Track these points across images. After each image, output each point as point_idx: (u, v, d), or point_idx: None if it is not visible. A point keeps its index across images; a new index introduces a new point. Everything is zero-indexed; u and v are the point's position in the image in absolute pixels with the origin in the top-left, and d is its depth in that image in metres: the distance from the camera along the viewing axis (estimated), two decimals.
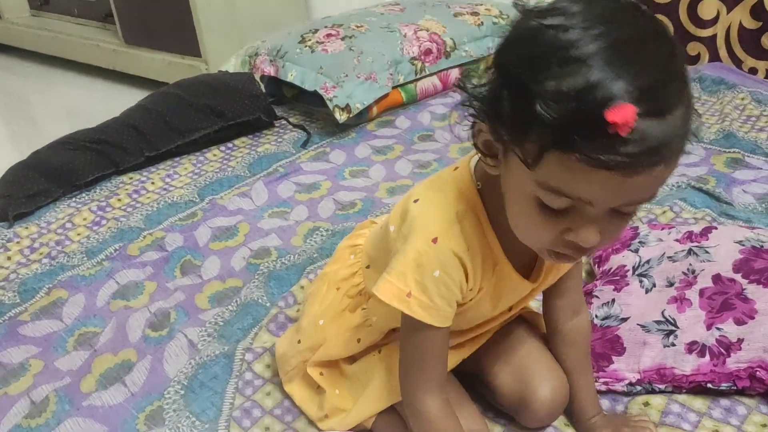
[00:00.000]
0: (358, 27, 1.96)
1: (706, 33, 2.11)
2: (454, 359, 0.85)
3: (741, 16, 2.04)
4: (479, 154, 0.67)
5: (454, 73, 1.99)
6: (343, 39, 1.90)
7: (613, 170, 0.54)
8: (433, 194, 0.73)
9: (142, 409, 0.98)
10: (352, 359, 0.92)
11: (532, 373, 0.85)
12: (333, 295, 0.90)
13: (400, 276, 0.70)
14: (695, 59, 2.16)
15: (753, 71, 2.05)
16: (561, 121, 0.53)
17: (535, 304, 0.96)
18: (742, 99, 1.77)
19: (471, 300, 0.76)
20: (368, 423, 0.88)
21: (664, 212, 1.30)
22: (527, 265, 0.77)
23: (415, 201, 0.73)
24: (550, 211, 0.60)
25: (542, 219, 0.61)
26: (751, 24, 2.03)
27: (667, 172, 0.57)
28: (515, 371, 0.86)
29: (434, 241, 0.69)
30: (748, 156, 1.50)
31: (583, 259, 1.19)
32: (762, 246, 1.01)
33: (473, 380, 0.91)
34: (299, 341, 0.93)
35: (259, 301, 1.17)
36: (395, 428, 0.87)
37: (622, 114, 0.51)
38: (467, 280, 0.72)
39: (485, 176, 0.70)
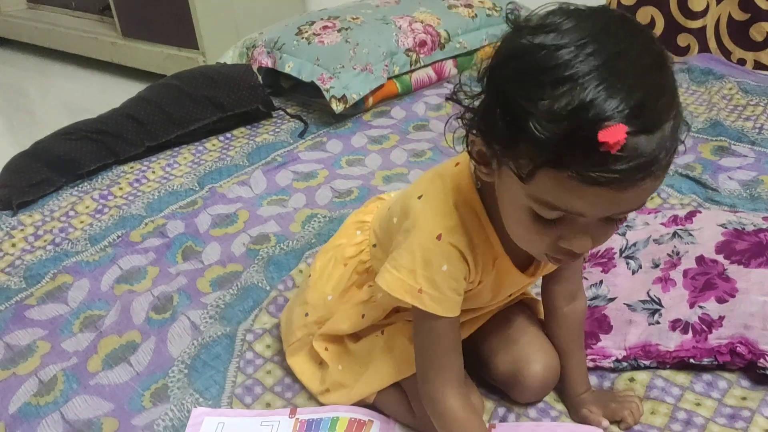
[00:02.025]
0: (353, 19, 1.99)
1: (695, 24, 2.14)
2: None
3: (730, 8, 2.08)
4: (473, 164, 0.69)
5: (449, 65, 2.02)
6: (339, 31, 1.93)
7: (604, 186, 0.55)
8: (435, 191, 0.76)
9: (148, 387, 1.01)
10: (356, 338, 0.95)
11: (525, 352, 0.89)
12: (340, 271, 0.94)
13: (410, 274, 0.73)
14: (685, 50, 2.19)
15: (741, 62, 2.08)
16: (553, 141, 0.55)
17: (534, 290, 1.00)
18: (730, 89, 1.81)
19: (471, 291, 0.79)
20: (370, 398, 0.92)
21: (652, 198, 1.34)
22: (526, 258, 0.80)
23: (419, 197, 0.76)
24: (543, 221, 0.62)
25: (536, 228, 0.63)
26: (740, 16, 2.07)
27: (657, 184, 0.59)
28: (510, 349, 0.90)
29: (438, 238, 0.72)
30: (734, 144, 1.54)
31: None
32: (744, 228, 1.05)
33: (468, 357, 0.94)
34: (307, 314, 0.96)
35: (259, 284, 1.21)
36: (396, 403, 0.90)
37: (613, 134, 0.52)
38: (470, 272, 0.75)
39: None
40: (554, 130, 0.54)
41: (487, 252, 0.76)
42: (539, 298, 0.96)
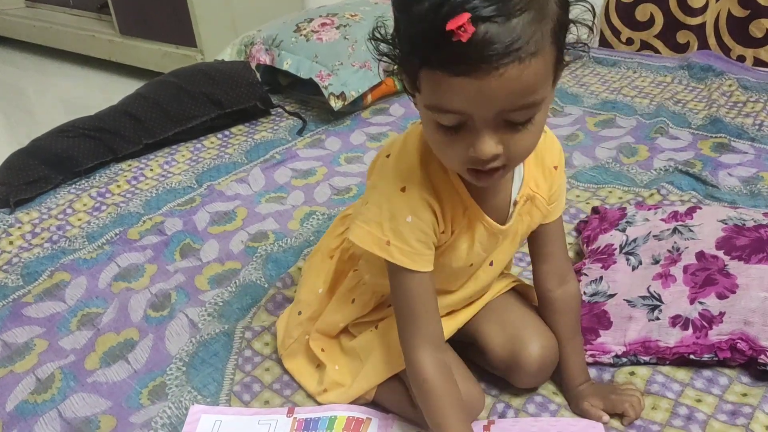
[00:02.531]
0: (352, 16, 1.99)
1: (695, 21, 2.14)
2: (450, 328, 0.88)
3: (729, 5, 2.07)
4: (410, 97, 0.71)
5: None
6: (337, 28, 1.93)
7: (465, 76, 0.58)
8: (401, 148, 0.78)
9: (145, 384, 1.01)
10: (351, 336, 0.95)
11: (522, 334, 0.89)
12: (327, 264, 0.95)
13: (377, 226, 0.75)
14: (684, 47, 2.19)
15: (741, 59, 2.08)
16: (418, 41, 0.60)
17: (529, 276, 1.00)
18: (730, 86, 1.80)
19: (446, 243, 0.80)
20: (370, 395, 0.92)
21: (652, 195, 1.34)
22: (502, 215, 0.81)
23: (387, 156, 0.79)
24: (446, 129, 0.65)
25: (444, 139, 0.66)
26: (739, 12, 2.07)
27: (526, 74, 0.59)
28: (507, 334, 0.90)
29: (403, 190, 0.75)
30: (734, 141, 1.53)
31: (572, 238, 1.23)
32: (744, 224, 1.05)
33: (467, 348, 0.94)
34: (300, 312, 0.97)
35: (258, 282, 1.20)
36: (396, 396, 0.90)
37: (457, 21, 0.56)
38: (438, 223, 0.76)
39: None
40: (417, 30, 0.59)
41: (456, 202, 0.77)
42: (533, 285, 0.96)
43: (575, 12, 0.67)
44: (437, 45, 0.58)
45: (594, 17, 0.67)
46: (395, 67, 0.69)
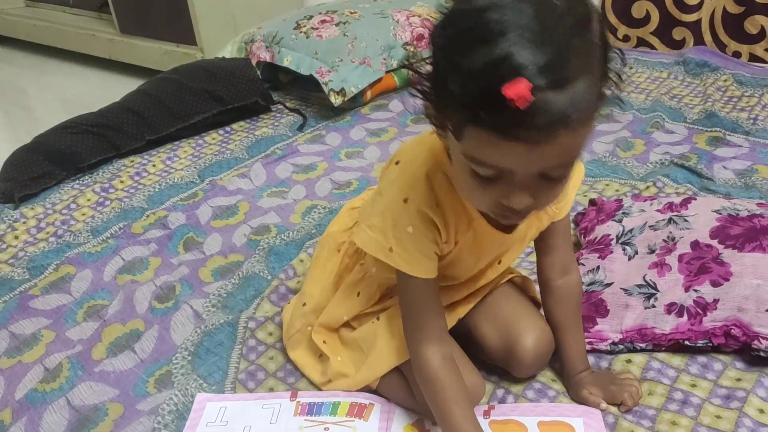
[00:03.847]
0: (351, 13, 2.01)
1: (691, 18, 2.16)
2: (450, 319, 0.90)
3: (725, 2, 2.10)
4: (433, 127, 0.71)
5: None
6: (337, 25, 1.95)
7: (519, 141, 0.58)
8: (410, 157, 0.79)
9: (152, 373, 1.03)
10: (351, 328, 0.97)
11: (516, 326, 0.91)
12: (334, 257, 0.97)
13: (381, 233, 0.78)
14: (680, 44, 2.21)
15: (737, 55, 2.10)
16: (470, 98, 0.58)
17: (528, 267, 1.02)
18: (725, 81, 1.83)
19: (450, 253, 0.81)
20: (374, 384, 0.93)
21: (648, 187, 1.36)
22: None
23: (397, 163, 0.80)
24: (482, 179, 0.64)
25: (477, 186, 0.65)
26: (734, 9, 2.09)
27: (576, 138, 0.61)
28: (501, 326, 0.92)
29: (405, 201, 0.76)
30: (729, 134, 1.56)
31: (570, 230, 1.25)
32: (738, 214, 1.07)
33: (465, 341, 0.96)
34: (304, 304, 0.99)
35: (261, 274, 1.22)
36: (398, 388, 0.92)
37: (517, 89, 0.54)
38: (441, 234, 0.78)
39: None
40: (470, 87, 0.57)
41: (461, 215, 0.78)
42: (532, 277, 0.98)
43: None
44: (491, 107, 0.56)
45: (623, 64, 0.65)
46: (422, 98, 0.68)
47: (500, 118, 0.57)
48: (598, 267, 1.07)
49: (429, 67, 0.65)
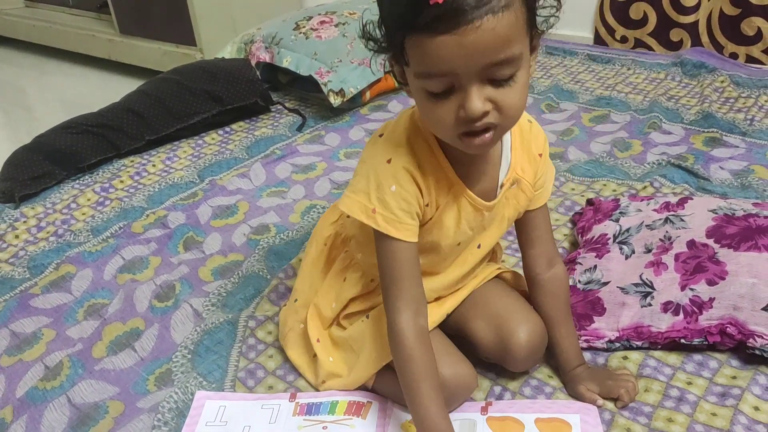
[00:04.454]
0: (351, 14, 2.01)
1: (688, 20, 2.17)
2: (437, 315, 0.91)
3: (722, 3, 2.11)
4: (401, 87, 0.77)
5: None
6: (336, 26, 1.96)
7: (444, 33, 0.64)
8: (392, 128, 0.83)
9: (152, 371, 1.03)
10: (341, 328, 0.98)
11: (508, 324, 0.91)
12: (322, 251, 0.99)
13: (365, 195, 0.80)
14: (678, 45, 2.22)
15: (733, 56, 2.11)
16: (399, 12, 0.66)
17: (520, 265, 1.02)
18: (722, 82, 1.84)
19: (431, 219, 0.83)
20: (369, 382, 0.94)
21: (645, 187, 1.37)
22: (489, 194, 0.85)
23: (380, 135, 0.84)
24: (436, 96, 0.69)
25: (435, 105, 0.70)
26: (731, 11, 2.10)
27: (503, 25, 0.65)
28: (493, 321, 0.92)
29: (388, 161, 0.80)
30: (726, 135, 1.56)
31: (567, 230, 1.26)
32: (734, 213, 1.07)
33: (459, 340, 0.96)
34: (296, 300, 1.00)
35: (260, 273, 1.23)
36: (393, 386, 0.91)
37: None
38: (423, 195, 0.80)
39: None
40: (398, 3, 0.67)
41: (441, 178, 0.81)
42: (520, 273, 0.99)
43: None
44: (417, 11, 0.64)
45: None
46: (386, 59, 0.74)
47: (425, 18, 0.64)
48: (595, 266, 1.07)
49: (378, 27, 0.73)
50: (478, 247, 0.91)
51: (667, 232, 1.08)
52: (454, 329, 0.95)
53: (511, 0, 0.65)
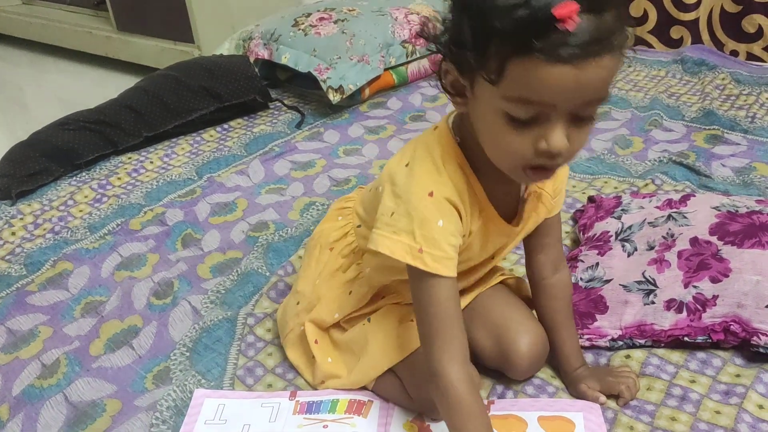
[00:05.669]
0: (350, 11, 2.00)
1: (688, 17, 2.16)
2: None
3: (723, 0, 2.10)
4: (449, 97, 0.73)
5: None
6: (335, 22, 1.94)
7: (567, 63, 0.60)
8: (420, 155, 0.78)
9: (150, 369, 1.02)
10: (342, 329, 0.96)
11: (509, 333, 0.90)
12: (327, 255, 0.96)
13: (409, 235, 0.75)
14: (678, 42, 2.21)
15: (734, 54, 2.11)
16: (515, 28, 0.60)
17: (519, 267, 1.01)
18: (723, 79, 1.83)
19: (462, 245, 0.80)
20: (369, 385, 0.93)
21: (647, 185, 1.36)
22: (510, 212, 0.83)
23: (406, 165, 0.78)
24: (518, 123, 0.65)
25: (512, 132, 0.66)
26: (732, 8, 2.09)
27: (612, 65, 0.63)
28: (493, 331, 0.91)
29: (430, 195, 0.75)
30: (727, 132, 1.56)
31: (568, 227, 1.25)
32: (737, 210, 1.07)
33: None
34: (297, 303, 0.98)
35: (259, 270, 1.22)
36: (393, 389, 0.91)
37: (567, 9, 0.58)
38: (463, 224, 0.77)
39: (463, 130, 0.77)
40: (514, 18, 0.60)
41: (473, 202, 0.78)
42: (524, 279, 0.98)
43: None
44: (538, 33, 0.59)
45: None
46: (442, 64, 0.70)
47: (550, 42, 0.59)
48: (597, 263, 1.06)
49: (447, 33, 0.68)
50: (492, 257, 0.90)
51: (669, 229, 1.07)
52: None
53: (623, 41, 0.63)
